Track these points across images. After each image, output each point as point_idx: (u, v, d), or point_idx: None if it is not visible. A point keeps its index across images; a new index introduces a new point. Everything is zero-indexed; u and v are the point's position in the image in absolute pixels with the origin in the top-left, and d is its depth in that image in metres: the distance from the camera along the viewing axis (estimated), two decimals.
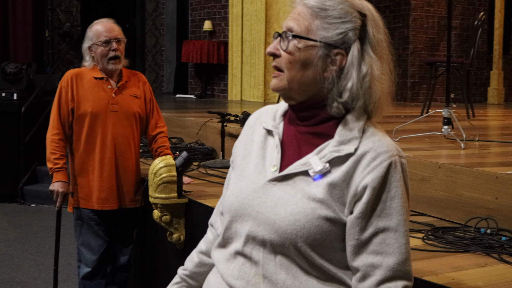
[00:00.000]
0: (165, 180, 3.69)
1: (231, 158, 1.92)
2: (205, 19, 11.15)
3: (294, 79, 1.69)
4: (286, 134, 1.78)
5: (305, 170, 1.68)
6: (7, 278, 5.35)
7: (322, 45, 1.67)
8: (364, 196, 1.62)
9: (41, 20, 11.48)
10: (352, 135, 1.66)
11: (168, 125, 6.13)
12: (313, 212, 1.63)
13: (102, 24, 4.06)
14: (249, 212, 1.71)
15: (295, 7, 1.73)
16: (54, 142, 3.99)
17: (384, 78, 1.70)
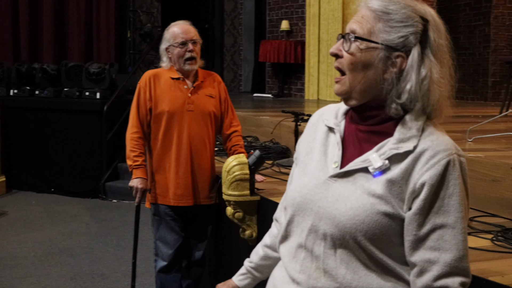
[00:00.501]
0: (238, 178, 3.79)
1: (295, 155, 2.00)
2: (283, 18, 11.23)
3: (355, 80, 1.74)
4: (348, 132, 1.84)
5: (365, 166, 1.73)
6: (89, 270, 5.57)
7: (383, 47, 1.73)
8: (422, 193, 1.66)
9: (123, 21, 11.81)
10: (411, 133, 1.71)
11: (243, 124, 6.26)
12: (372, 207, 1.68)
13: (179, 26, 4.19)
14: (310, 207, 1.79)
15: (359, 10, 1.80)
16: (133, 140, 4.15)
17: (443, 82, 1.74)
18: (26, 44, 11.11)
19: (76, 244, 6.36)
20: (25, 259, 5.86)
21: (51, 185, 8.90)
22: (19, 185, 9.09)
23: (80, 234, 6.72)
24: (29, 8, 11.11)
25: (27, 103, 9.25)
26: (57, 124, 9.01)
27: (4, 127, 9.16)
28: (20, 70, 9.56)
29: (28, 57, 10.90)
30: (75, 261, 5.83)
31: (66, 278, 5.37)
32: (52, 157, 9.00)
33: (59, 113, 9.02)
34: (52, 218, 7.45)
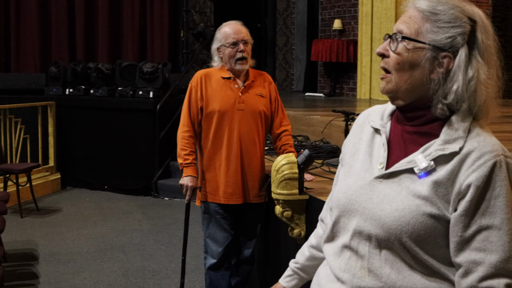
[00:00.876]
0: (287, 177, 3.79)
1: (340, 156, 2.01)
2: (335, 18, 11.18)
3: (401, 80, 1.74)
4: (393, 133, 1.85)
5: (411, 167, 1.73)
6: (140, 267, 5.65)
7: (430, 47, 1.73)
8: (468, 194, 1.65)
9: (176, 21, 11.92)
10: (457, 134, 1.71)
11: (294, 123, 6.26)
12: (417, 209, 1.68)
13: (230, 26, 4.22)
14: (356, 208, 1.79)
15: (406, 11, 1.80)
16: (184, 139, 4.19)
17: (490, 83, 1.73)
18: (81, 44, 11.32)
19: (128, 240, 6.47)
20: (78, 254, 5.98)
21: (104, 183, 9.06)
22: (74, 183, 9.29)
23: (132, 231, 6.82)
24: (85, 9, 11.32)
25: (82, 102, 9.43)
26: (111, 123, 9.17)
27: (59, 126, 9.36)
28: (75, 70, 9.75)
29: (84, 57, 11.10)
30: (126, 257, 5.92)
31: (117, 274, 5.47)
32: (105, 155, 9.16)
33: (113, 112, 9.17)
34: (105, 215, 7.59)
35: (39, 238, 6.51)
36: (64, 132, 9.43)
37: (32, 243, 6.33)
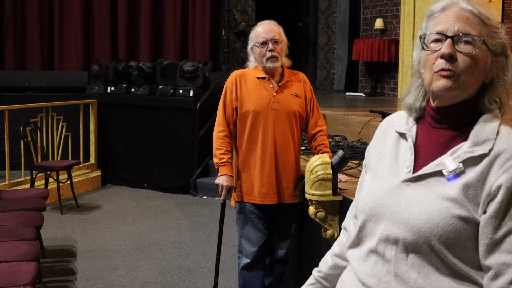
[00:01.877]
0: (321, 177, 3.77)
1: (364, 162, 2.00)
2: (377, 17, 11.11)
3: (468, 81, 1.74)
4: (420, 136, 1.84)
5: (439, 170, 1.73)
6: (176, 265, 5.68)
7: (491, 52, 1.76)
8: (498, 196, 1.64)
9: (218, 20, 11.98)
10: (486, 136, 1.70)
11: (332, 123, 6.23)
12: (447, 211, 1.67)
13: (262, 25, 4.22)
14: (383, 212, 1.78)
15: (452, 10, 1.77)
16: (219, 139, 4.21)
17: None
18: (123, 43, 11.46)
19: (165, 238, 6.51)
20: (115, 251, 6.04)
21: (144, 181, 9.13)
22: (114, 180, 9.38)
23: (169, 229, 6.86)
24: (127, 8, 11.45)
25: (123, 100, 9.52)
26: (151, 121, 9.23)
27: (100, 124, 9.47)
28: (117, 68, 9.85)
29: (126, 56, 11.23)
30: (163, 255, 5.96)
31: (153, 271, 5.50)
32: (145, 153, 9.24)
33: (154, 110, 9.23)
34: (144, 212, 7.65)
35: (78, 234, 6.59)
36: (105, 130, 9.54)
37: (71, 239, 6.42)
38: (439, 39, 1.75)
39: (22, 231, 4.57)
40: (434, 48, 1.76)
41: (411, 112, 1.89)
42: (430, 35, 1.78)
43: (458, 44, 1.72)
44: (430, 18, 1.82)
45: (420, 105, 1.87)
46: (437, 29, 1.76)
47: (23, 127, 7.38)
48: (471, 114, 1.76)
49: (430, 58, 1.76)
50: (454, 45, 1.72)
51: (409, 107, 1.89)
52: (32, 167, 7.52)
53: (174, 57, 11.25)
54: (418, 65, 1.84)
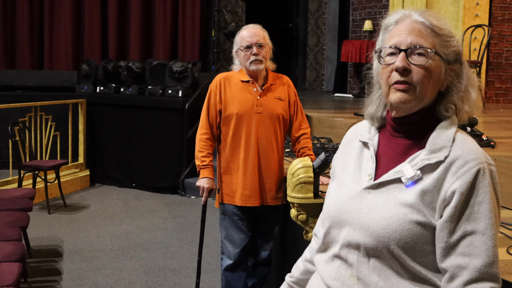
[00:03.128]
0: (302, 180, 3.82)
1: (331, 171, 2.06)
2: (366, 18, 11.16)
3: (422, 93, 1.80)
4: (382, 145, 1.90)
5: (398, 177, 1.79)
6: (162, 265, 5.72)
7: (444, 62, 1.81)
8: (452, 201, 1.71)
9: (208, 20, 12.01)
10: (442, 143, 1.77)
11: (319, 125, 6.28)
12: (404, 216, 1.74)
13: (247, 29, 4.26)
14: (346, 218, 1.85)
15: (405, 23, 1.83)
16: (202, 141, 4.26)
17: (477, 90, 1.86)
18: (113, 43, 11.46)
19: (152, 238, 6.55)
20: (102, 252, 6.07)
21: (133, 180, 9.17)
22: (102, 180, 9.41)
23: (156, 229, 6.90)
24: (117, 8, 11.45)
25: (112, 100, 9.55)
26: (140, 121, 9.27)
27: (89, 123, 9.50)
28: (107, 68, 9.88)
29: (116, 56, 11.24)
30: (149, 255, 6.00)
31: (139, 272, 5.54)
32: (134, 153, 9.27)
33: (142, 111, 9.27)
34: (131, 212, 7.68)
35: (65, 234, 6.63)
36: (94, 130, 9.56)
37: (57, 239, 6.45)
38: (393, 52, 1.81)
39: (7, 232, 4.61)
40: (389, 62, 1.82)
41: (373, 121, 1.95)
42: (385, 49, 1.83)
43: (411, 57, 1.78)
44: (385, 31, 1.88)
45: (381, 114, 1.93)
46: (391, 42, 1.82)
47: (11, 127, 7.39)
48: (428, 122, 1.83)
49: (386, 72, 1.82)
50: (408, 58, 1.78)
51: (371, 116, 1.95)
52: (20, 167, 7.53)
53: (164, 57, 11.28)
54: (378, 76, 1.89)
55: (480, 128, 4.79)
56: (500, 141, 4.65)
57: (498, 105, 9.59)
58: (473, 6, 9.29)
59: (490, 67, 9.78)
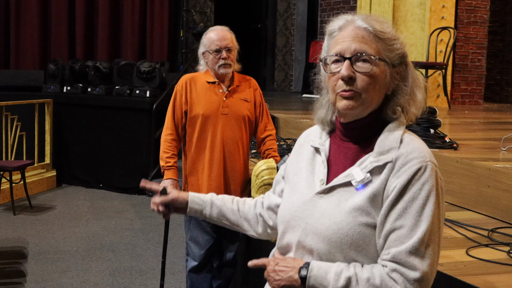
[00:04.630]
0: (266, 182, 3.84)
1: (282, 174, 2.09)
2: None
3: (368, 99, 1.82)
4: (333, 150, 1.92)
5: (348, 181, 1.81)
6: (128, 266, 5.70)
7: (389, 65, 1.82)
8: (390, 196, 1.74)
9: (176, 20, 11.97)
10: (390, 145, 1.79)
11: (285, 127, 6.30)
12: (355, 220, 1.76)
13: (216, 32, 4.25)
14: (299, 224, 1.87)
15: (348, 29, 1.85)
16: (167, 142, 4.26)
17: (423, 90, 1.88)
18: (81, 42, 11.38)
19: (118, 240, 6.52)
20: (67, 253, 6.03)
21: (100, 181, 9.11)
22: (69, 180, 9.35)
23: (123, 230, 6.87)
24: (85, 7, 11.37)
25: (79, 100, 9.49)
26: (107, 121, 9.22)
27: (56, 123, 9.43)
28: (73, 68, 9.81)
29: (83, 55, 11.16)
30: (115, 256, 5.97)
31: (105, 273, 5.52)
32: (101, 153, 9.22)
33: (110, 111, 9.22)
34: (98, 213, 7.64)
35: (30, 236, 6.57)
36: (60, 130, 9.49)
37: (22, 241, 6.39)
38: (338, 60, 1.82)
39: None
40: (334, 70, 1.83)
41: (324, 126, 1.97)
42: (330, 56, 1.85)
43: (356, 64, 1.80)
44: (330, 38, 1.89)
45: (330, 118, 1.95)
46: (336, 50, 1.83)
47: None
48: (376, 125, 1.85)
49: (332, 80, 1.83)
50: (352, 66, 1.79)
51: (321, 121, 1.96)
52: None
53: (132, 57, 11.22)
54: (325, 81, 1.91)
55: (444, 130, 4.84)
56: (463, 143, 4.71)
57: (463, 106, 9.70)
58: (440, 9, 9.38)
59: (456, 69, 9.89)
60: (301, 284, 1.78)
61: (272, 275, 1.84)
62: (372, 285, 1.69)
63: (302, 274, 1.77)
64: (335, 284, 1.72)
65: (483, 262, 2.84)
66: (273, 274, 1.84)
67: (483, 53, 10.09)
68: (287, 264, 1.83)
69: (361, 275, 1.71)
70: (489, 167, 3.73)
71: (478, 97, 10.17)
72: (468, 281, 2.58)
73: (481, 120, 7.49)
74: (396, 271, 1.69)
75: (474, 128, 6.57)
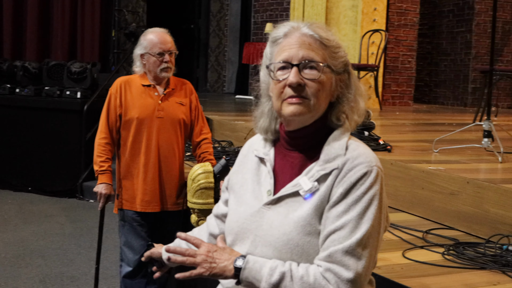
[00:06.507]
0: (203, 186, 3.81)
1: (225, 185, 2.05)
2: (267, 21, 11.22)
3: (316, 106, 1.81)
4: (278, 159, 1.90)
5: (296, 190, 1.79)
6: (59, 273, 5.56)
7: (334, 73, 1.83)
8: (334, 198, 1.74)
9: (108, 20, 11.79)
10: (336, 153, 1.78)
11: (220, 128, 6.26)
12: (303, 229, 1.74)
13: (157, 34, 4.18)
14: (247, 236, 1.84)
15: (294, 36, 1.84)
16: (101, 146, 4.18)
17: (365, 99, 1.89)
18: (9, 41, 11.07)
19: (48, 245, 6.35)
20: None
21: (28, 184, 8.87)
22: None
23: (53, 235, 6.70)
24: (13, 5, 11.07)
25: (7, 101, 9.23)
26: (36, 123, 9.00)
27: None
28: (1, 68, 9.55)
29: (11, 55, 10.85)
30: (46, 262, 5.82)
31: (35, 280, 5.37)
32: (30, 155, 8.99)
33: (39, 112, 9.00)
34: (27, 217, 7.43)
35: None
36: None
37: None
38: (285, 66, 1.81)
39: None
40: (281, 77, 1.81)
41: (267, 135, 1.94)
42: (276, 63, 1.82)
43: (303, 71, 1.79)
44: (274, 44, 1.87)
45: (274, 127, 1.92)
46: (282, 57, 1.81)
47: None
48: (322, 133, 1.84)
49: (278, 87, 1.81)
50: (300, 72, 1.78)
51: (265, 130, 1.94)
52: None
53: (62, 57, 10.98)
54: (267, 88, 1.89)
55: (377, 132, 4.89)
56: (396, 145, 4.77)
57: (394, 107, 9.87)
58: (371, 12, 9.51)
59: (387, 70, 10.06)
60: (234, 275, 1.75)
61: (206, 259, 1.78)
62: (306, 282, 1.68)
63: (238, 264, 1.74)
64: (269, 278, 1.70)
65: (419, 264, 2.88)
66: (208, 258, 1.78)
67: (413, 55, 10.29)
68: (224, 253, 1.80)
69: (296, 272, 1.69)
70: (423, 169, 3.78)
71: (408, 98, 10.37)
72: (406, 284, 2.60)
73: (412, 122, 7.63)
74: (330, 270, 1.68)
75: (405, 129, 6.68)
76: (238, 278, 1.74)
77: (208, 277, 1.78)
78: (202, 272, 1.77)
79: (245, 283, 1.74)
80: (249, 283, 1.73)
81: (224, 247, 1.85)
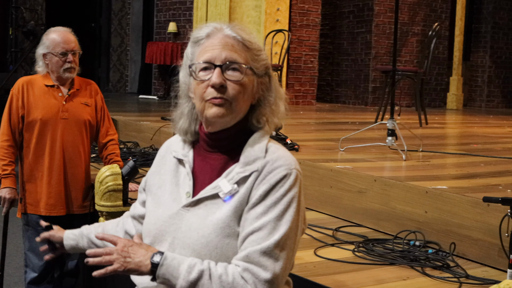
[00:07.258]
0: (111, 188, 3.75)
1: (142, 186, 2.02)
2: (170, 20, 11.17)
3: (237, 108, 1.80)
4: (197, 161, 1.89)
5: (216, 193, 1.79)
6: None
7: (256, 75, 1.83)
8: (253, 199, 1.75)
9: (5, 18, 11.43)
10: (256, 155, 1.79)
11: (125, 129, 6.18)
12: (222, 232, 1.74)
13: (60, 34, 4.08)
14: (165, 238, 1.82)
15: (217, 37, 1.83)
16: (3, 149, 4.03)
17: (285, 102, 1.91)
18: None
19: None
20: None
21: None
22: None
23: None
24: None
25: None
26: None
27: None
28: None
29: None
30: None
31: None
32: None
33: None
34: None
35: None
36: None
37: None
38: (207, 67, 1.80)
39: None
40: (203, 77, 1.80)
41: (186, 136, 1.93)
42: (198, 64, 1.82)
43: (226, 72, 1.79)
44: (196, 45, 1.86)
45: (194, 128, 1.91)
46: (205, 57, 1.81)
47: None
48: (242, 136, 1.84)
49: (200, 87, 1.80)
50: (223, 74, 1.78)
51: (184, 132, 1.92)
52: None
53: None
54: (187, 89, 1.88)
55: (283, 131, 4.95)
56: (303, 144, 4.84)
57: (298, 107, 10.01)
58: (274, 12, 9.61)
59: (290, 70, 10.19)
60: (150, 271, 1.71)
61: (122, 254, 1.73)
62: (225, 282, 1.67)
63: (155, 260, 1.70)
64: (187, 276, 1.68)
65: (331, 261, 2.93)
66: (122, 253, 1.73)
67: (315, 55, 10.47)
68: (140, 248, 1.75)
69: (215, 271, 1.69)
70: (331, 168, 3.86)
71: (311, 97, 10.54)
72: (319, 281, 2.64)
73: (316, 121, 7.76)
74: (248, 270, 1.69)
75: (311, 128, 6.78)
76: (154, 275, 1.71)
77: (123, 273, 1.73)
78: (117, 268, 1.71)
79: (161, 280, 1.71)
80: (166, 279, 1.70)
81: (141, 243, 1.80)
